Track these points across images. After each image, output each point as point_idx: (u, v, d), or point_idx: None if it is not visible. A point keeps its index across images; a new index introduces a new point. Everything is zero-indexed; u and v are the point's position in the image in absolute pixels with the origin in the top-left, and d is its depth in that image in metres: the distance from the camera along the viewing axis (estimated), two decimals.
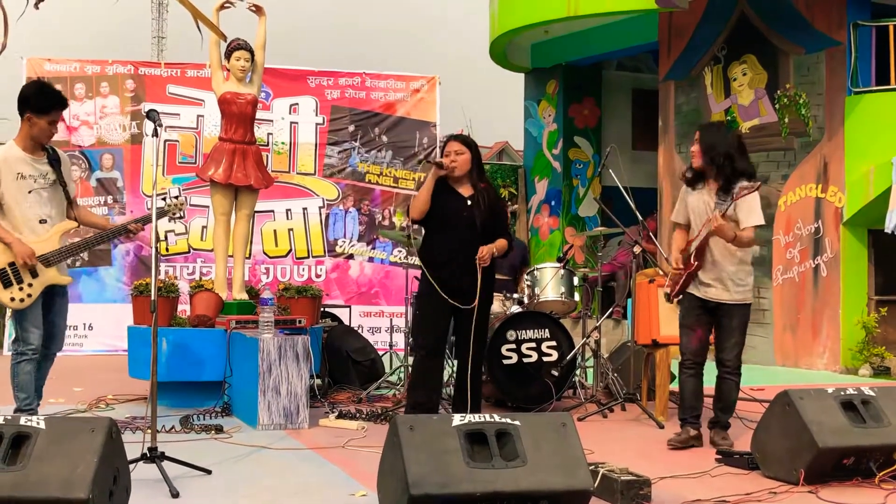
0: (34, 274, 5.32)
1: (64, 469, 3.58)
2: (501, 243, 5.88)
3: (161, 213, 5.70)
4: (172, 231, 10.91)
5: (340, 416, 6.36)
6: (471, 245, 5.72)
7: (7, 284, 5.27)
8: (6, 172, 5.34)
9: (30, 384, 5.41)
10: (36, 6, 5.89)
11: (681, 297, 5.84)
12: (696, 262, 5.68)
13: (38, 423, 3.76)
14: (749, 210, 5.63)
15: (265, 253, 11.29)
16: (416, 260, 10.77)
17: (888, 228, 9.64)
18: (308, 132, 11.56)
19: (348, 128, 11.64)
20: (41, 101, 5.37)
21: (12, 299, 5.28)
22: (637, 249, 7.05)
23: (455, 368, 6.06)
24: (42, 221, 5.41)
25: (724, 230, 5.48)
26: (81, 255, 10.81)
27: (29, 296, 5.31)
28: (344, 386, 7.76)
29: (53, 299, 5.52)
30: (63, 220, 5.52)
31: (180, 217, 5.79)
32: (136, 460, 4.41)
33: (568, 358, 6.96)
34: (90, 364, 9.54)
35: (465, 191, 5.85)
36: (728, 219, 5.54)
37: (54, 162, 5.49)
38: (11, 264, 5.27)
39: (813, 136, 10.64)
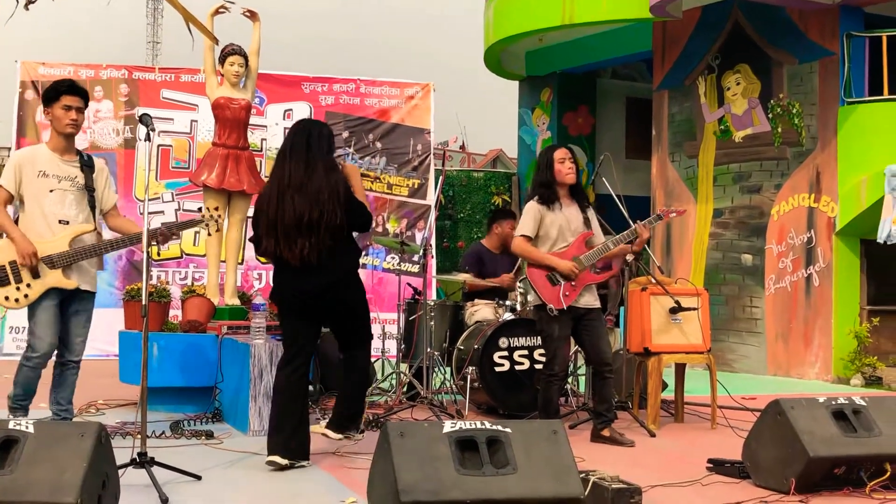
0: (35, 275, 5.18)
1: (52, 474, 3.56)
2: None
3: (195, 223, 5.77)
4: None
5: None
6: None
7: (4, 282, 5.16)
8: (28, 169, 5.28)
9: (28, 385, 5.30)
10: (26, 7, 5.89)
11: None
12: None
13: (26, 428, 3.74)
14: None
15: (258, 258, 11.28)
16: (409, 267, 10.81)
17: (881, 238, 9.67)
18: None
19: (342, 134, 11.63)
20: (52, 89, 5.36)
21: (7, 298, 5.17)
22: (629, 258, 7.05)
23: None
24: (62, 222, 5.30)
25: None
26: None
27: (26, 296, 5.17)
28: (335, 392, 7.72)
29: (70, 305, 5.36)
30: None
31: (216, 231, 5.80)
32: (125, 465, 4.40)
33: None
34: (81, 369, 9.49)
35: None
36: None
37: (86, 167, 5.44)
38: (13, 262, 5.17)
39: (806, 146, 10.67)
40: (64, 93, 5.33)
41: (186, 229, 5.71)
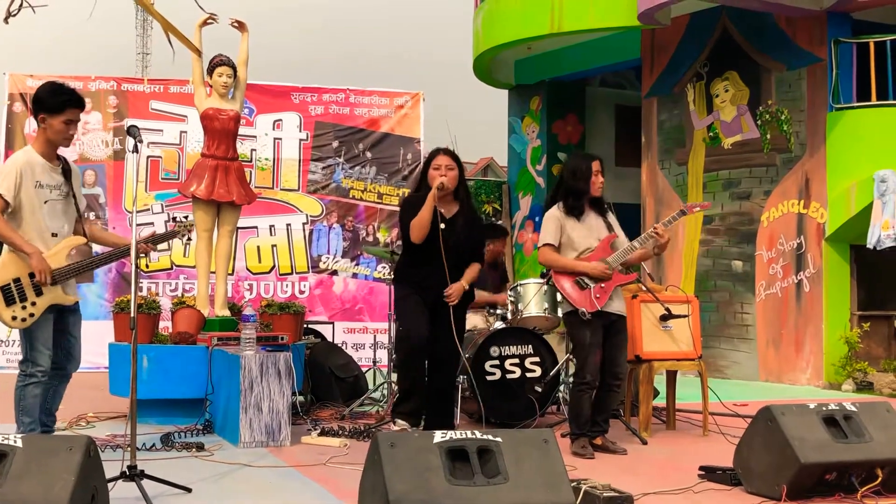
0: (38, 292, 4.99)
1: (41, 488, 3.54)
2: (472, 272, 6.07)
3: (171, 235, 5.65)
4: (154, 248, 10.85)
5: (323, 433, 6.33)
6: (443, 265, 5.77)
7: (9, 301, 4.95)
8: (28, 178, 5.00)
9: (35, 408, 5.08)
10: (6, 20, 5.86)
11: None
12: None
13: (15, 442, 3.72)
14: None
15: (248, 269, 11.26)
16: None
17: (870, 244, 9.70)
18: (292, 148, 11.55)
19: (332, 144, 11.63)
20: (54, 99, 5.04)
21: (14, 318, 4.95)
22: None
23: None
24: (54, 235, 5.09)
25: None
26: None
27: (31, 315, 4.98)
28: (327, 403, 7.72)
29: (66, 317, 5.20)
30: (72, 235, 5.22)
31: (188, 240, 5.65)
32: (115, 479, 4.37)
33: (551, 374, 6.95)
34: (71, 381, 9.45)
35: (448, 209, 5.84)
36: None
37: (67, 173, 5.19)
38: (17, 280, 4.95)
39: (795, 153, 10.70)
40: (69, 106, 5.06)
41: (165, 241, 5.58)
